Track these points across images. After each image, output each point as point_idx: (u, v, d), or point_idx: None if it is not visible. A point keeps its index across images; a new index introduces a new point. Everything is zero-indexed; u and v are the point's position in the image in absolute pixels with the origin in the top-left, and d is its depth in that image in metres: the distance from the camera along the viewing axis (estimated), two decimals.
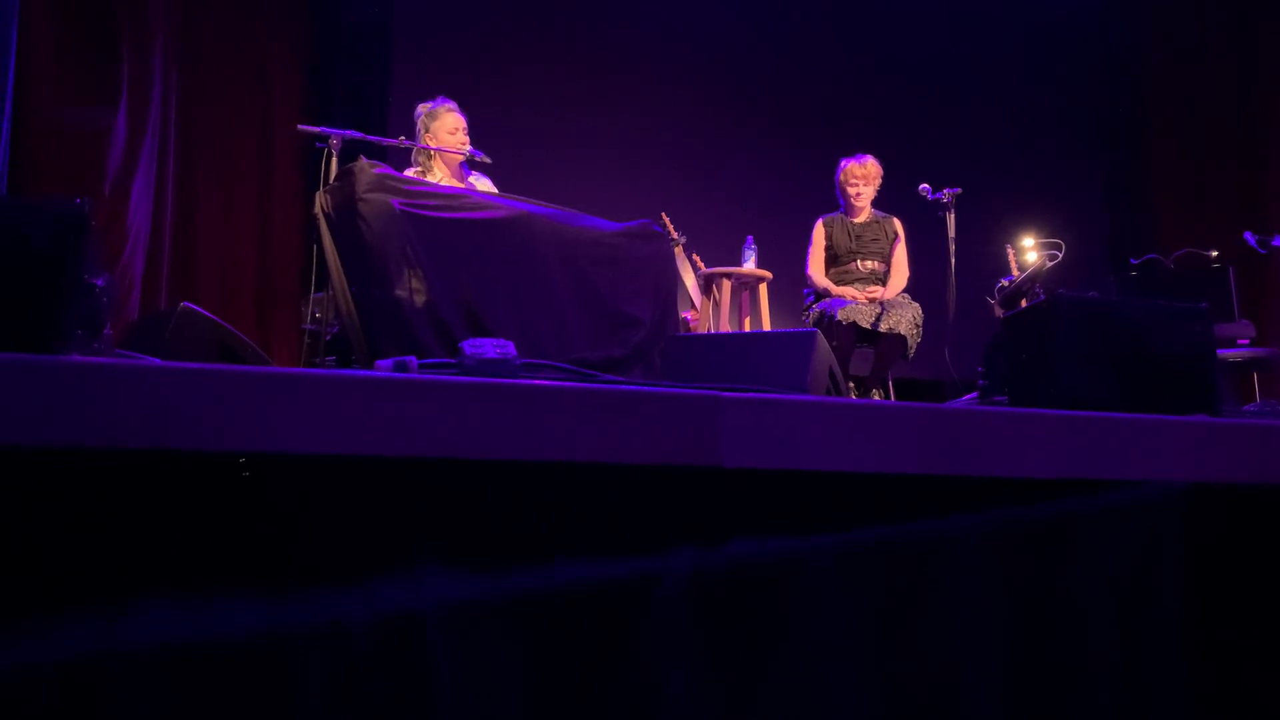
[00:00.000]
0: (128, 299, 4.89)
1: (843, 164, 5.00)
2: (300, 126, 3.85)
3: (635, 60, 6.62)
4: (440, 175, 4.14)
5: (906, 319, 4.55)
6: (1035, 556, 1.55)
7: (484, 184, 4.24)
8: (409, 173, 4.10)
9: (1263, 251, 4.99)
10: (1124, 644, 1.57)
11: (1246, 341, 5.02)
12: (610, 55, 6.58)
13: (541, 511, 1.37)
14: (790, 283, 5.27)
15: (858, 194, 4.91)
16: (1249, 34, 7.06)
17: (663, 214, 5.30)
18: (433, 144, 4.12)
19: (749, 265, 5.24)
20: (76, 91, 4.88)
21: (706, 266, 5.34)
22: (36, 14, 4.65)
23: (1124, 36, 7.53)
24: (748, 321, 5.29)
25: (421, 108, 4.23)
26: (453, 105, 4.21)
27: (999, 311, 4.98)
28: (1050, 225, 5.52)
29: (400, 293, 3.14)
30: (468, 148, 4.13)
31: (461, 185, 4.10)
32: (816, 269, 4.94)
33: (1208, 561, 1.70)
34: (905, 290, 4.88)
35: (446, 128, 4.14)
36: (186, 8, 5.51)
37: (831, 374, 2.83)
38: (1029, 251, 5.26)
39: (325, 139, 3.65)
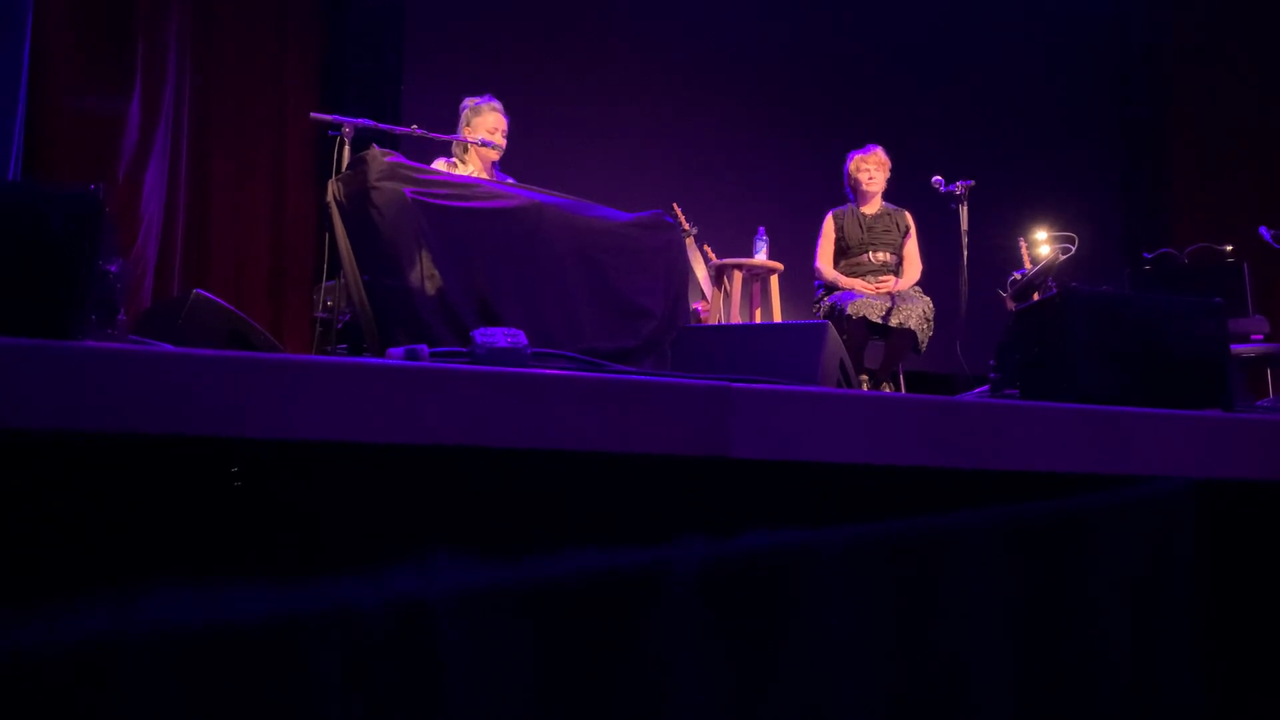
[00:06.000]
0: (141, 285, 4.91)
1: (850, 156, 5.01)
2: (313, 115, 3.85)
3: (647, 50, 6.60)
4: (473, 170, 4.21)
5: (916, 313, 4.54)
6: (1047, 551, 1.55)
7: None
8: (441, 164, 4.16)
9: (1277, 246, 4.96)
10: (1136, 640, 1.57)
11: (1260, 337, 4.99)
12: (622, 46, 6.56)
13: (552, 500, 1.38)
14: (802, 275, 5.26)
15: (870, 179, 4.91)
16: (1267, 29, 7.01)
17: (674, 205, 5.29)
18: (470, 138, 4.18)
19: (760, 257, 5.23)
20: (90, 78, 4.90)
21: (718, 257, 5.33)
22: (51, 0, 4.66)
23: (1140, 30, 7.48)
24: (759, 313, 5.28)
25: (468, 101, 4.35)
26: (497, 105, 4.31)
27: (1011, 305, 4.96)
28: (1063, 218, 5.49)
29: (412, 281, 3.14)
30: (480, 140, 4.17)
31: None
32: (825, 262, 4.93)
33: (1221, 558, 1.69)
34: (917, 284, 4.87)
35: (487, 125, 4.26)
36: None
37: (842, 366, 2.82)
38: (1042, 245, 5.24)
39: (338, 127, 3.65)
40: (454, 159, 4.30)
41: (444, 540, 1.22)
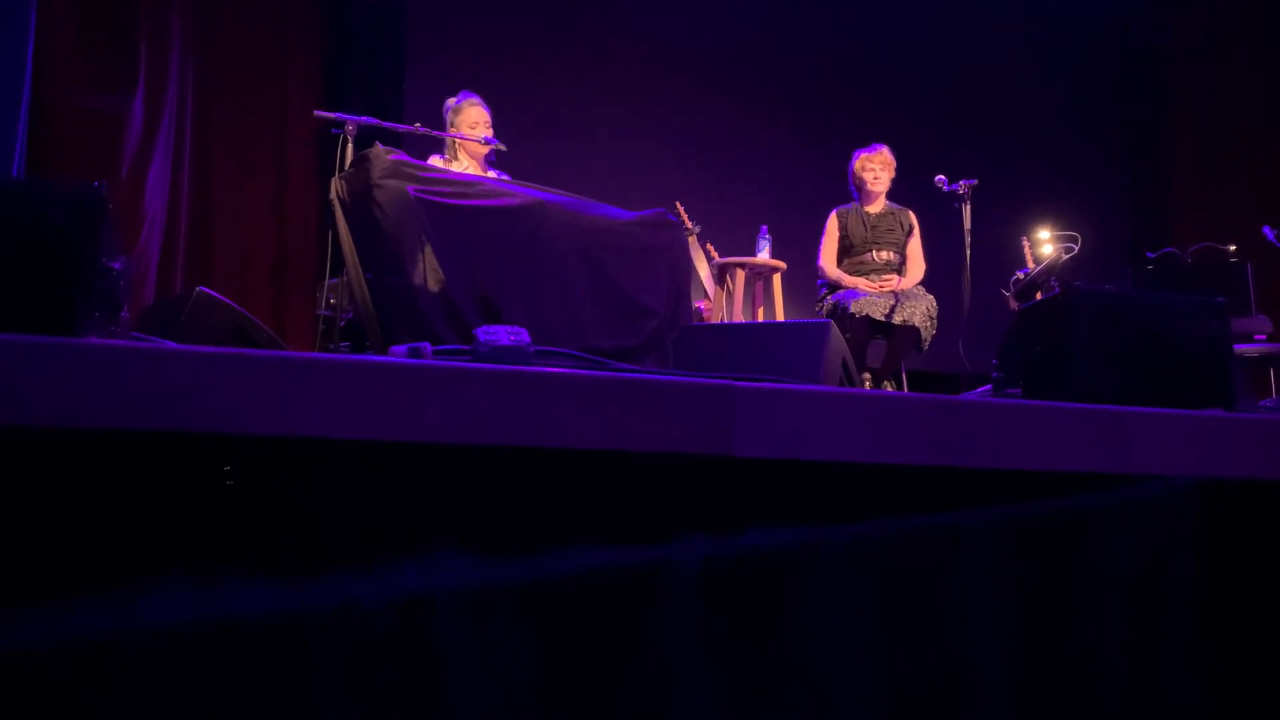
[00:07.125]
0: (144, 282, 4.91)
1: (856, 154, 5.01)
2: (316, 112, 3.85)
3: (650, 49, 6.59)
4: (465, 167, 4.21)
5: (920, 311, 4.54)
6: (1048, 550, 1.55)
7: None
8: (433, 161, 4.16)
9: None
10: (1136, 640, 1.57)
11: (1263, 336, 4.99)
12: (625, 44, 6.56)
13: (554, 498, 1.38)
14: (804, 273, 5.26)
15: (875, 178, 4.91)
16: (1267, 29, 7.00)
17: (677, 203, 5.28)
18: (466, 135, 4.19)
19: (763, 255, 5.23)
20: (94, 77, 4.90)
21: (720, 256, 5.33)
22: (53, 0, 4.67)
23: (1145, 29, 7.47)
24: (761, 312, 5.28)
25: (449, 102, 4.38)
26: (476, 100, 4.33)
27: (1014, 304, 4.96)
28: (1067, 218, 5.49)
29: (415, 279, 3.14)
30: (482, 138, 4.18)
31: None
32: (828, 260, 4.93)
33: (1221, 557, 1.69)
34: (920, 283, 4.87)
35: (468, 121, 4.27)
36: None
37: (845, 365, 2.82)
38: (1045, 244, 5.23)
39: (341, 125, 3.65)
40: (446, 157, 4.32)
41: (445, 539, 1.22)
